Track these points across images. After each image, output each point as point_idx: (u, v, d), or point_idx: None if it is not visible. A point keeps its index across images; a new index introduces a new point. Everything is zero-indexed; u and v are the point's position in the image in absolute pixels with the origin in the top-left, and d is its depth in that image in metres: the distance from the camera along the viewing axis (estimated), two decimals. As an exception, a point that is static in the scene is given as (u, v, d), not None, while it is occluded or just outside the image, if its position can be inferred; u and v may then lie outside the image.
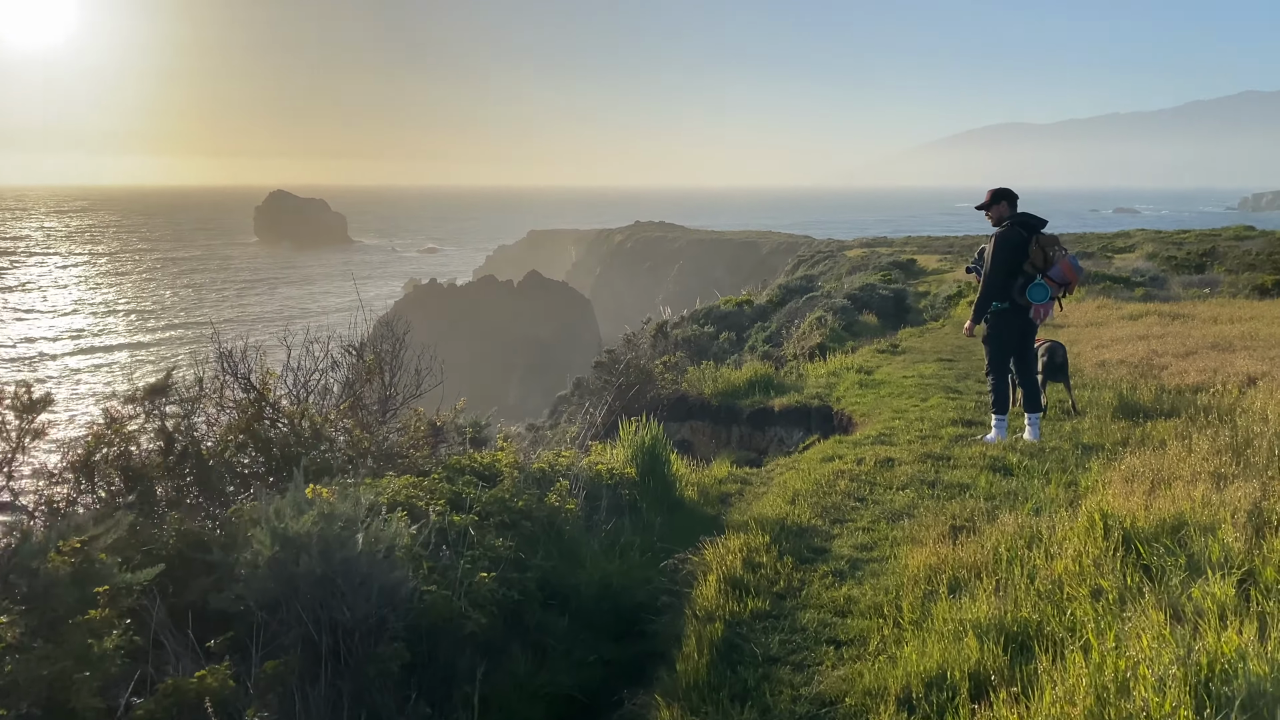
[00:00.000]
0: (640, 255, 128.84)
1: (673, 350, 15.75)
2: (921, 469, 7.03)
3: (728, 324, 27.41)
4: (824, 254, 58.75)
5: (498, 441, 6.26)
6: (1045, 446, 7.74)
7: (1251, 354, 12.76)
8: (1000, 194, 8.39)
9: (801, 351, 19.54)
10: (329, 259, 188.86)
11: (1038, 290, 8.04)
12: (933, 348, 17.21)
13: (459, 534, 4.29)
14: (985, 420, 8.99)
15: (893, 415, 9.78)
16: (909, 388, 11.71)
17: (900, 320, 26.39)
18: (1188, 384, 9.96)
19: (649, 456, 6.60)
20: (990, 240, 8.36)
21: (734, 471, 7.87)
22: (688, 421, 13.44)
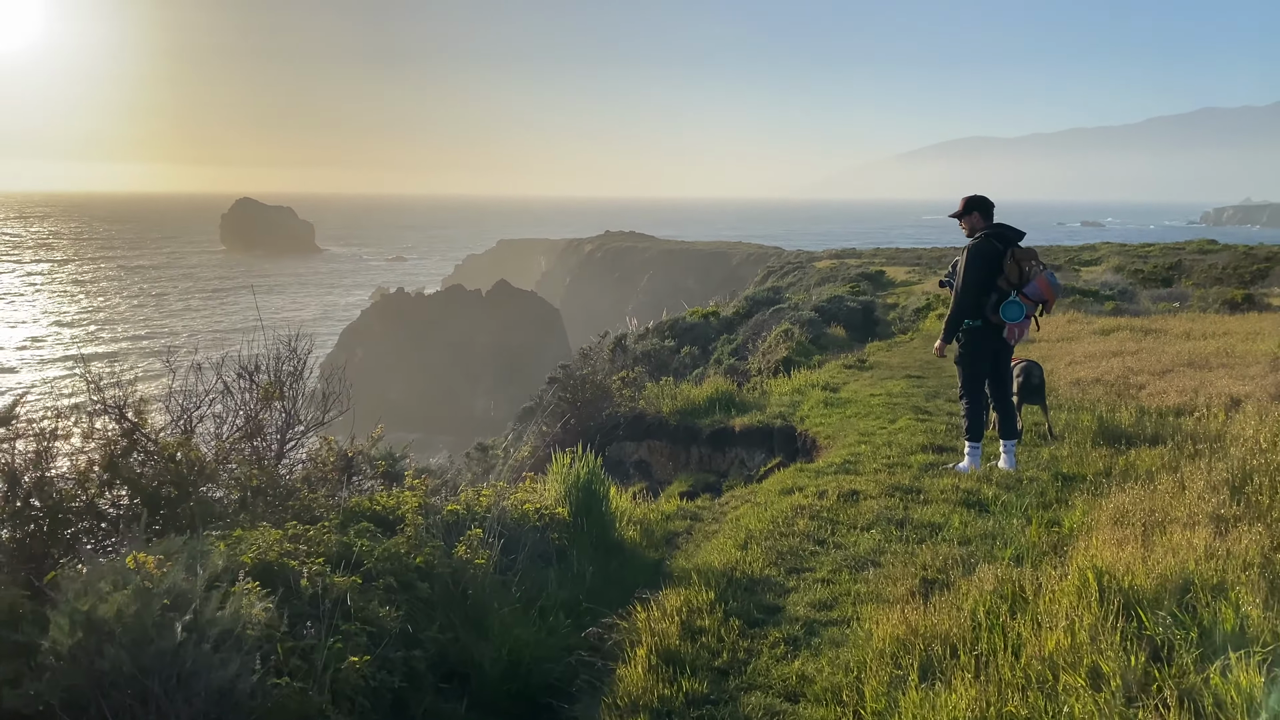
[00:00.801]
0: (610, 265, 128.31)
1: (632, 365, 15.07)
2: (889, 504, 6.37)
3: (693, 335, 26.82)
4: (793, 265, 58.52)
5: (407, 479, 5.51)
6: (1022, 477, 7.13)
7: (1230, 372, 12.29)
8: (974, 202, 7.79)
9: (767, 365, 18.93)
10: (296, 267, 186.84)
11: (1012, 308, 7.41)
12: (901, 363, 16.66)
13: (335, 602, 3.56)
14: (957, 446, 8.37)
15: (859, 438, 9.14)
16: (876, 407, 11.10)
17: (868, 332, 25.93)
18: (1169, 405, 9.43)
19: (584, 493, 5.87)
20: (963, 253, 7.74)
21: (684, 506, 7.15)
22: (645, 441, 12.77)
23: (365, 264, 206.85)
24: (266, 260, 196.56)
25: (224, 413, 5.35)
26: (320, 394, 5.70)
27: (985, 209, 7.74)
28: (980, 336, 7.61)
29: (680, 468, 12.14)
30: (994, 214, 7.74)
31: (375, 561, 4.05)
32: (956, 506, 6.23)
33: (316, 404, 5.68)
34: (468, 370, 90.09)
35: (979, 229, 7.67)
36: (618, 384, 13.87)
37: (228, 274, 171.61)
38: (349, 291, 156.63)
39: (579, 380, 13.56)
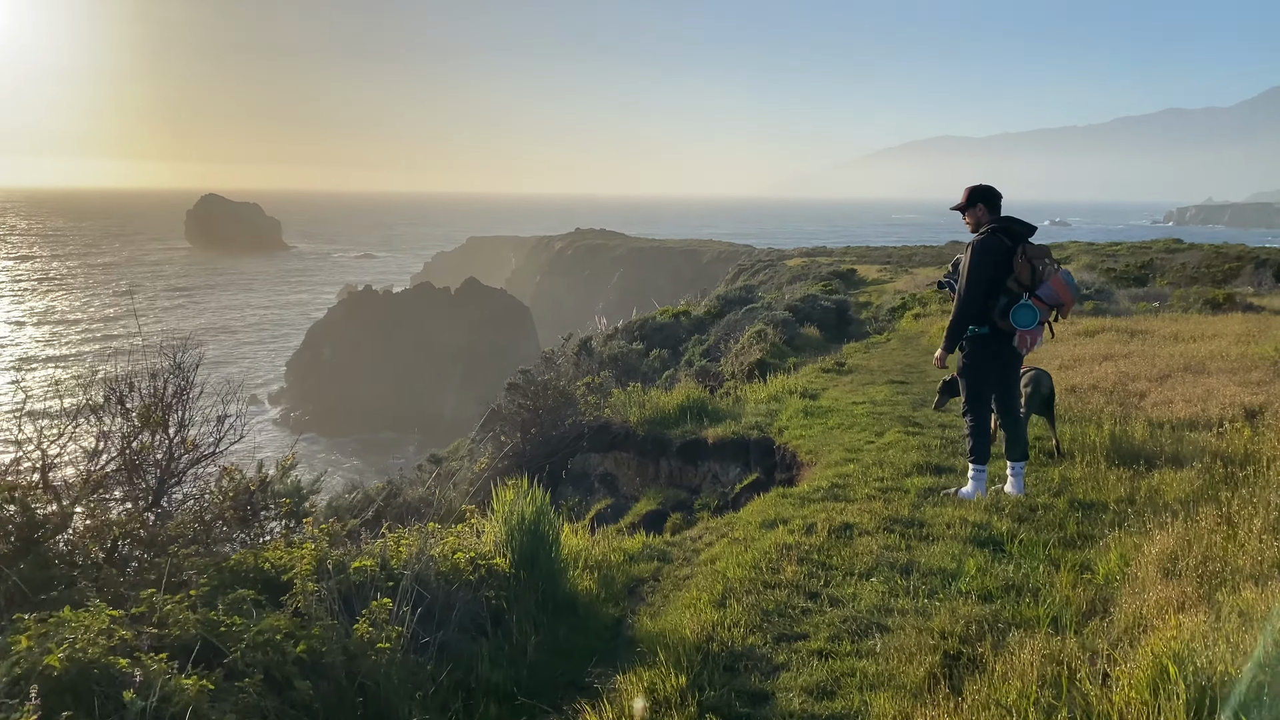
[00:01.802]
0: (581, 263, 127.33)
1: (597, 370, 14.16)
2: (888, 542, 5.49)
3: (664, 336, 25.98)
4: (764, 263, 57.96)
5: (307, 527, 4.54)
6: (1035, 504, 6.28)
7: (1233, 378, 11.57)
8: (978, 193, 6.86)
9: (740, 369, 18.08)
10: (262, 265, 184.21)
11: (1024, 313, 6.52)
12: (881, 366, 15.87)
13: (176, 717, 2.65)
14: (955, 466, 7.52)
15: (845, 455, 8.28)
16: (860, 417, 10.26)
17: (842, 333, 25.20)
18: (1179, 417, 8.66)
19: (529, 537, 4.91)
20: (967, 250, 6.82)
21: (649, 543, 6.19)
22: (611, 452, 11.85)
23: (333, 261, 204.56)
24: (232, 257, 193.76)
25: (98, 444, 4.38)
26: (217, 417, 4.73)
27: (992, 200, 6.84)
28: (987, 345, 6.71)
29: (649, 481, 11.24)
30: (1000, 206, 6.87)
31: (244, 650, 3.13)
32: (968, 545, 5.36)
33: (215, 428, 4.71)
34: (437, 369, 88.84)
35: (984, 223, 6.78)
36: (582, 390, 12.95)
37: (191, 272, 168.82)
38: (317, 289, 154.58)
39: (540, 387, 12.63)
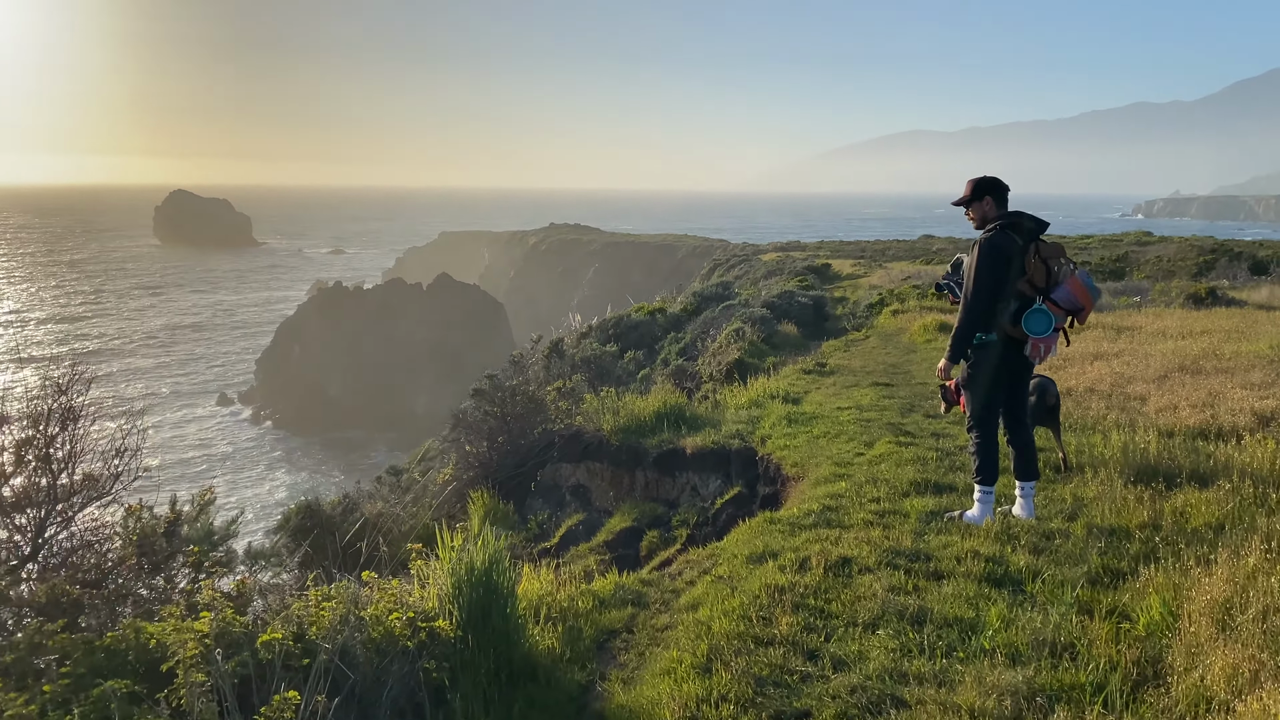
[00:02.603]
0: (555, 258, 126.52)
1: (569, 373, 13.47)
2: (893, 581, 4.83)
3: (639, 334, 25.34)
4: (739, 258, 57.56)
5: (204, 591, 3.79)
6: (1049, 530, 5.65)
7: (1232, 379, 11.06)
8: (984, 186, 6.18)
9: (718, 370, 17.46)
10: (232, 261, 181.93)
11: (1037, 318, 5.83)
12: (863, 366, 15.30)
13: None
14: (955, 484, 6.88)
15: (834, 469, 7.64)
16: (847, 425, 9.63)
17: (820, 329, 24.72)
18: (1189, 425, 8.09)
19: (481, 590, 4.20)
20: (972, 248, 6.15)
21: (623, 584, 5.44)
22: (584, 463, 11.17)
23: (304, 257, 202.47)
24: (202, 254, 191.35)
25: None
26: (110, 450, 4.00)
27: (999, 193, 6.17)
28: (996, 354, 6.00)
29: (624, 494, 10.58)
30: (1007, 199, 6.21)
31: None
32: (983, 586, 4.71)
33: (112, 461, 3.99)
34: (409, 366, 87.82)
35: (991, 218, 6.12)
36: (553, 396, 12.26)
37: (159, 269, 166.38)
38: (287, 285, 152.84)
39: (508, 392, 11.93)
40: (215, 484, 51.88)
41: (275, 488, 60.04)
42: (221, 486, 58.74)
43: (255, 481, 61.40)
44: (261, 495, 58.20)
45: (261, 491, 59.12)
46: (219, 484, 59.23)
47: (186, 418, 77.06)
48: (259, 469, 64.50)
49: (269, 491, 59.57)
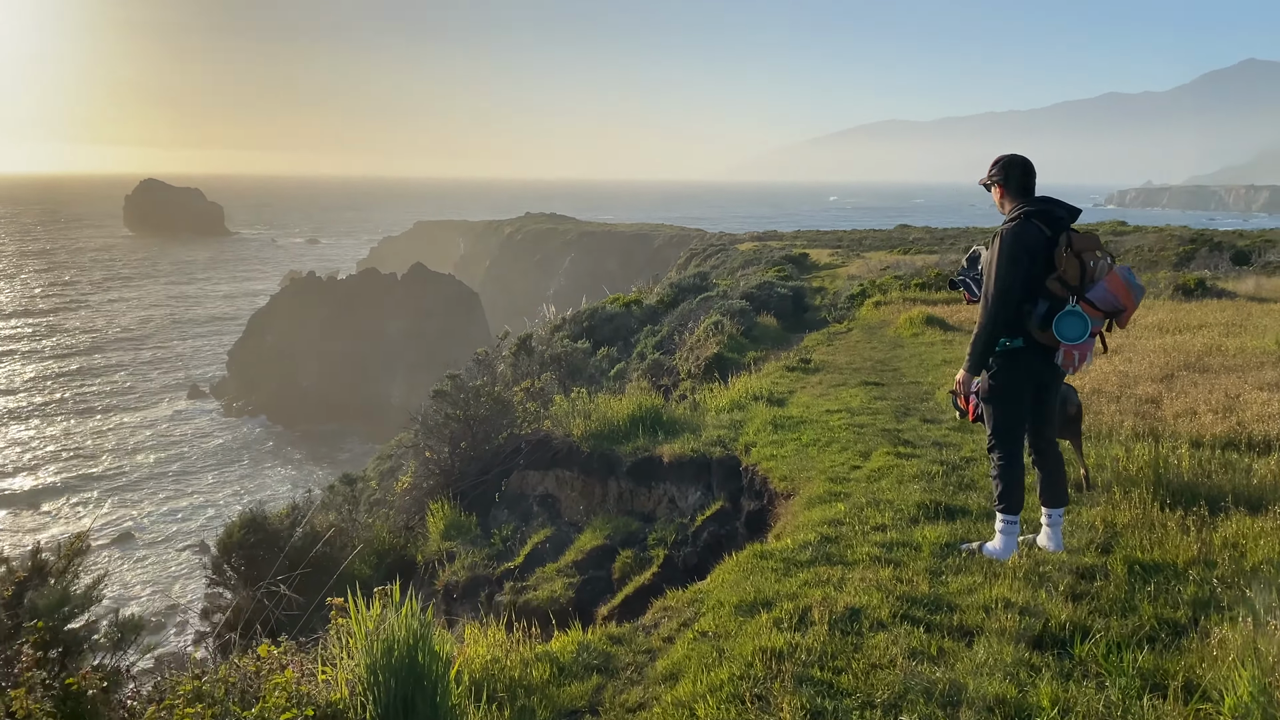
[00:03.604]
0: (530, 248, 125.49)
1: (538, 372, 12.62)
2: (913, 642, 3.99)
3: (614, 327, 24.52)
4: (716, 247, 56.86)
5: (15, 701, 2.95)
6: (1083, 567, 4.86)
7: (1243, 378, 10.39)
8: (1009, 165, 5.35)
9: (696, 366, 16.66)
10: (204, 252, 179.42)
11: (1071, 322, 4.97)
12: (849, 362, 14.55)
13: None
14: (970, 506, 6.09)
15: (829, 487, 6.85)
16: (839, 431, 8.85)
17: (800, 321, 24.04)
18: (1216, 434, 7.36)
19: (405, 674, 3.37)
20: (993, 240, 5.29)
21: (588, 643, 4.54)
22: (553, 470, 10.34)
23: (277, 247, 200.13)
24: (174, 244, 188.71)
25: None
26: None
27: (1022, 174, 5.33)
28: (1021, 362, 5.20)
29: (595, 505, 9.76)
30: (1031, 184, 5.34)
31: None
32: (1021, 648, 3.90)
33: None
34: (383, 357, 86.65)
35: (1016, 205, 5.28)
36: (521, 396, 11.42)
37: (130, 259, 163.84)
38: (260, 275, 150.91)
39: (472, 393, 11.07)
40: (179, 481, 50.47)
41: (244, 484, 58.79)
42: (186, 485, 57.46)
43: (222, 479, 60.11)
44: (227, 494, 56.92)
45: (228, 490, 57.85)
46: (185, 482, 57.95)
47: (156, 412, 75.54)
48: (228, 465, 63.17)
49: (234, 489, 58.31)
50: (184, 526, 49.63)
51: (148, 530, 49.09)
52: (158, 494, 55.05)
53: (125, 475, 57.74)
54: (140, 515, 51.30)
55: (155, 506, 52.85)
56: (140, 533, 48.69)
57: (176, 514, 52.01)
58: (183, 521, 50.51)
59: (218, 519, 50.47)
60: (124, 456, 61.37)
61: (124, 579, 42.52)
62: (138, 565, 44.37)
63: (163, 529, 49.44)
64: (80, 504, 52.56)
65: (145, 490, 55.37)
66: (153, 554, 45.46)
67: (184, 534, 48.26)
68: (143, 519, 50.79)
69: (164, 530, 49.22)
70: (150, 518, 51.13)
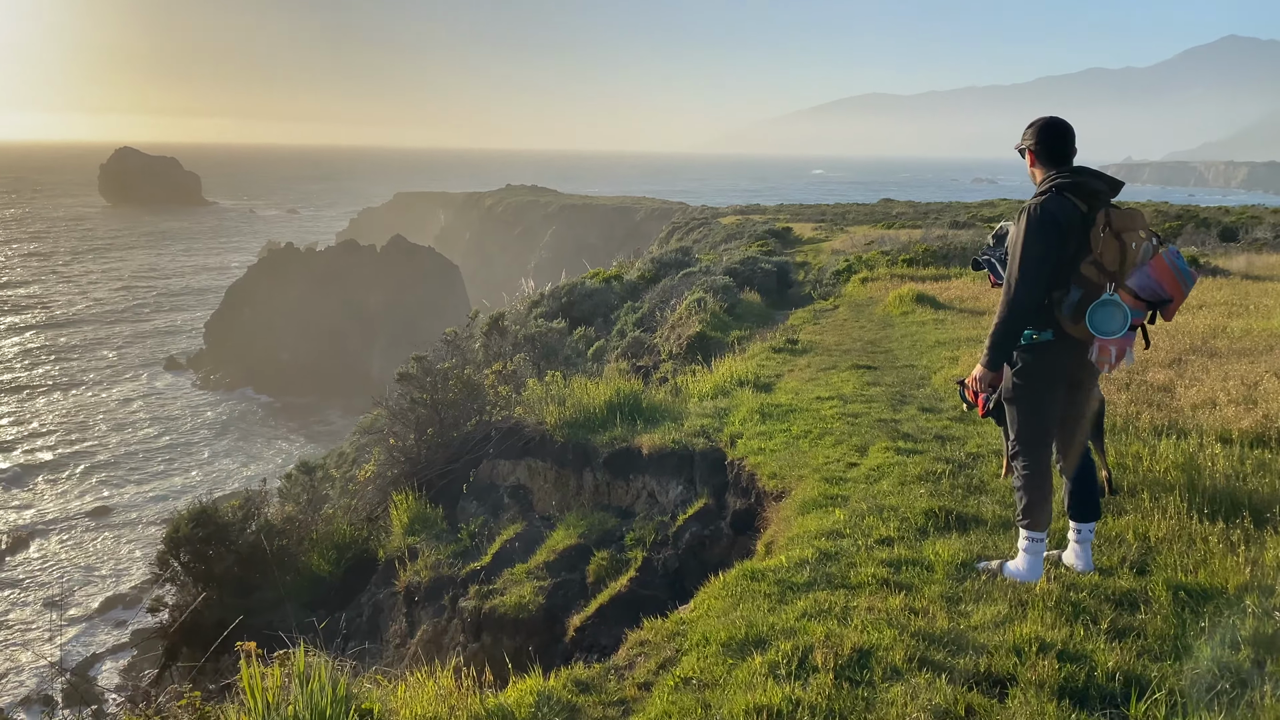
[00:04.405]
0: (512, 220, 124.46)
1: (510, 353, 11.92)
2: (937, 699, 3.27)
3: (594, 303, 23.83)
4: (699, 221, 56.15)
5: None
6: (1121, 592, 4.23)
7: (1255, 363, 9.82)
8: (1041, 129, 4.61)
9: (678, 345, 16.00)
10: (181, 222, 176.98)
11: (1107, 313, 4.28)
12: (838, 343, 13.94)
13: None
14: (983, 513, 5.45)
15: (823, 488, 6.22)
16: (831, 421, 8.22)
17: (784, 298, 23.48)
18: (1244, 428, 6.76)
19: None
20: (1019, 216, 4.55)
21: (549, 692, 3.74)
22: (525, 460, 9.66)
23: (256, 217, 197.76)
24: (149, 214, 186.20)
25: None
26: None
27: (1057, 141, 4.59)
28: (1050, 358, 4.53)
29: (570, 498, 9.11)
30: (1068, 152, 4.61)
31: None
32: (1065, 707, 3.28)
33: None
34: (362, 330, 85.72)
35: (1048, 176, 4.58)
36: (492, 379, 10.73)
37: (106, 229, 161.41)
38: (238, 246, 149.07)
39: (439, 376, 10.37)
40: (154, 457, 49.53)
41: (223, 460, 57.87)
42: (160, 461, 56.47)
43: (198, 454, 59.16)
44: (206, 469, 56.01)
45: (206, 466, 56.93)
46: (159, 458, 56.94)
47: (132, 386, 74.33)
48: (204, 439, 62.18)
49: (210, 465, 57.40)
50: (158, 503, 48.74)
51: (119, 508, 48.20)
52: (133, 470, 54.09)
53: (100, 451, 56.71)
54: (114, 492, 50.38)
55: (130, 483, 51.92)
56: (111, 511, 47.81)
57: (150, 491, 51.12)
58: (157, 499, 49.62)
59: (192, 495, 49.65)
60: (98, 432, 60.30)
61: (88, 558, 41.74)
62: (105, 544, 43.57)
63: (135, 506, 48.57)
64: (52, 481, 51.59)
65: (121, 467, 54.38)
66: (121, 534, 44.61)
67: (159, 511, 47.38)
68: (116, 496, 49.88)
69: (136, 508, 48.36)
70: (124, 494, 50.23)
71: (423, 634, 7.87)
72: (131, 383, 75.24)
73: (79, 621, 36.30)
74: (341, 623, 8.85)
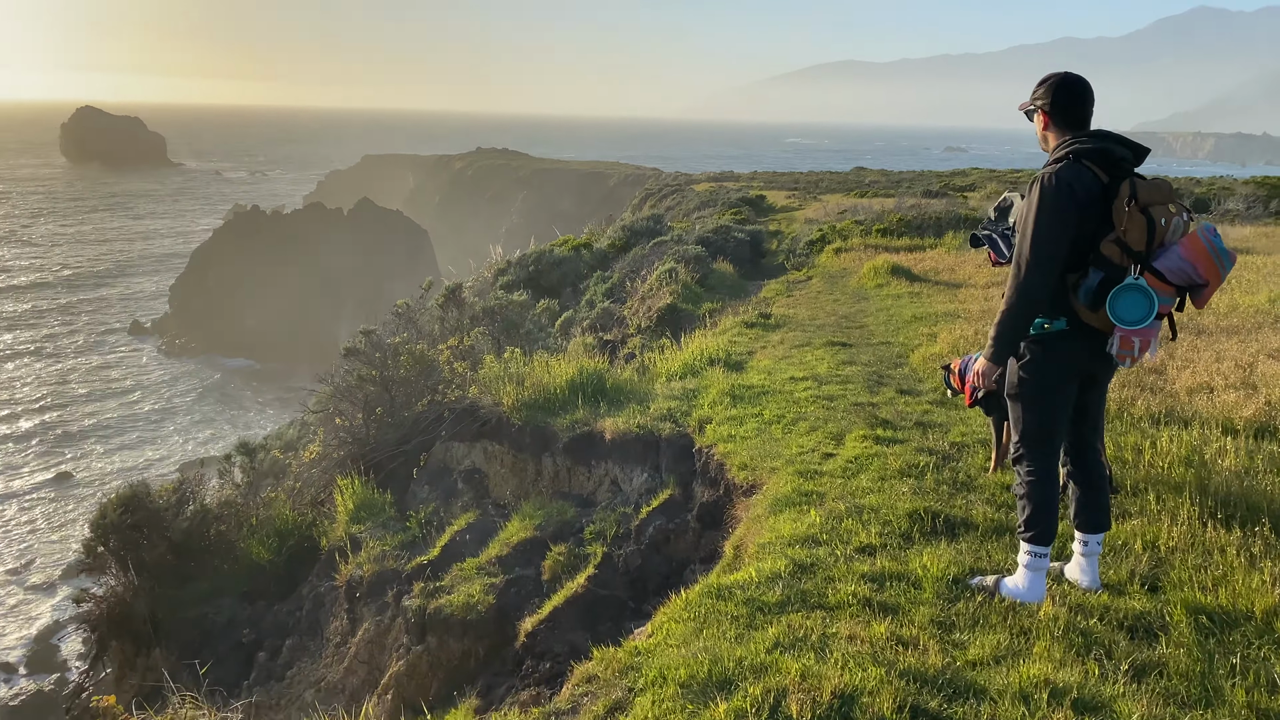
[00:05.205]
0: (482, 184, 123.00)
1: (468, 327, 11.30)
2: None
3: (562, 272, 23.20)
4: (672, 188, 55.46)
5: None
6: (1134, 615, 3.74)
7: (1245, 342, 9.41)
8: (1056, 86, 4.03)
9: (648, 317, 15.43)
10: (144, 183, 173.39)
11: (1130, 299, 3.72)
12: (812, 317, 13.44)
13: None
14: (973, 516, 4.94)
15: (797, 483, 5.70)
16: (805, 404, 7.70)
17: (757, 268, 23.04)
18: (1247, 417, 6.29)
19: None
20: (1031, 185, 3.98)
21: None
22: (480, 442, 9.09)
23: (222, 179, 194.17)
24: (112, 174, 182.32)
25: None
26: None
27: (1075, 102, 4.02)
28: (1063, 351, 3.98)
29: (528, 484, 8.55)
30: (1086, 114, 4.05)
31: None
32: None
33: None
34: (329, 294, 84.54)
35: (1063, 142, 3.99)
36: (447, 356, 10.12)
37: (67, 189, 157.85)
38: (204, 209, 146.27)
39: (390, 352, 9.75)
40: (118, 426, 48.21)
41: (183, 429, 56.76)
42: (124, 430, 55.26)
43: (162, 422, 58.01)
44: (164, 438, 54.92)
45: (169, 435, 55.83)
46: (123, 427, 55.71)
47: (96, 351, 72.71)
48: (168, 406, 60.96)
49: (176, 433, 56.32)
50: (121, 473, 47.68)
51: (81, 479, 47.14)
52: (96, 440, 52.89)
53: (61, 418, 55.41)
54: (75, 462, 49.24)
55: (93, 454, 50.73)
56: (72, 479, 46.77)
57: (115, 460, 50.03)
58: (122, 470, 48.56)
59: (156, 464, 48.67)
60: (59, 399, 58.91)
61: (52, 527, 40.87)
62: (68, 512, 42.65)
63: (97, 475, 47.50)
64: (13, 450, 50.36)
65: (83, 436, 53.13)
66: (85, 503, 43.64)
67: (120, 481, 46.37)
68: (75, 465, 48.76)
69: (97, 477, 47.29)
70: (86, 465, 49.11)
71: (364, 633, 7.33)
72: (95, 348, 73.68)
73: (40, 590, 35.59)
74: (281, 616, 8.29)
